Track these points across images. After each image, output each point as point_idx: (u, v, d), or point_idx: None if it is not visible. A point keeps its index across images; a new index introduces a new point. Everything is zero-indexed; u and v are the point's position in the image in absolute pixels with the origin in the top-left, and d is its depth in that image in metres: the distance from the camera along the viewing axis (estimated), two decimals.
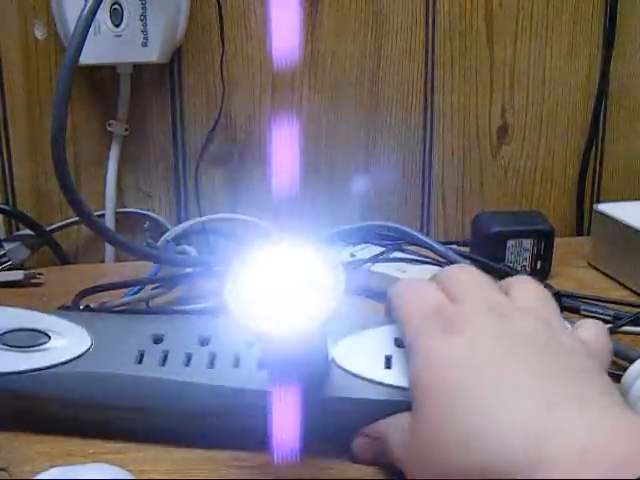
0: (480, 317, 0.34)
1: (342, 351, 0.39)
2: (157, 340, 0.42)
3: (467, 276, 0.39)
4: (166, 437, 0.40)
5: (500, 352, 0.33)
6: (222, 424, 0.39)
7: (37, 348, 0.42)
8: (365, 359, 0.39)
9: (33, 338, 0.42)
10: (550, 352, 0.33)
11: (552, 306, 0.37)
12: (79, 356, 0.41)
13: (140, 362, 0.41)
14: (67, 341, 0.42)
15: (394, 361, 0.39)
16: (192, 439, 0.40)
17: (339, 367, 0.39)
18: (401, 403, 0.36)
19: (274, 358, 0.37)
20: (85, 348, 0.41)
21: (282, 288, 0.35)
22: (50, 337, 0.42)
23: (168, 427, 0.40)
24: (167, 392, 0.40)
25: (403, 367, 0.38)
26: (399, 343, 0.39)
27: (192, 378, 0.39)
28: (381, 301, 0.60)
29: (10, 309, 0.46)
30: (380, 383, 0.38)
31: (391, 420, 0.36)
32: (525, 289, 0.38)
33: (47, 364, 0.41)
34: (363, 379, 0.38)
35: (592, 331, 0.37)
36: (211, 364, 0.40)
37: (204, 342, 0.41)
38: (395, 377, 0.38)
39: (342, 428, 0.38)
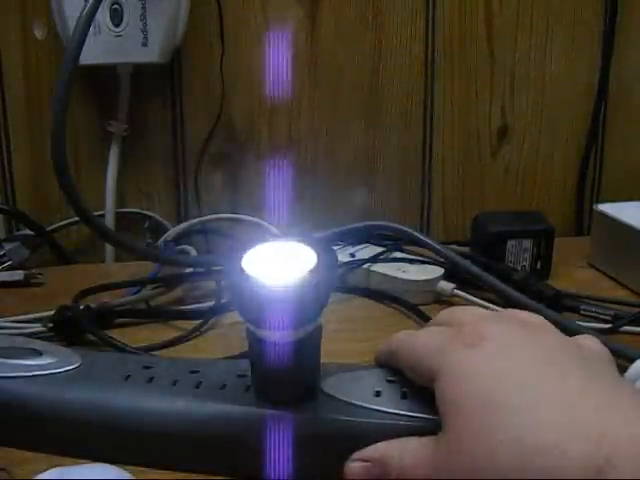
0: (500, 327, 0.33)
1: (330, 383, 0.38)
2: (147, 367, 0.41)
3: (464, 310, 0.37)
4: (152, 453, 0.40)
5: (535, 359, 0.31)
6: (207, 444, 0.39)
7: (29, 361, 0.41)
8: (354, 390, 0.38)
9: (25, 353, 0.42)
10: (582, 359, 0.32)
11: (556, 329, 0.37)
12: (66, 371, 0.41)
13: (126, 379, 0.40)
14: (56, 358, 0.42)
15: (384, 393, 0.37)
16: (176, 456, 0.39)
17: (327, 394, 0.38)
18: (391, 426, 0.36)
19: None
20: (74, 366, 0.41)
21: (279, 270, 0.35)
22: (42, 353, 0.42)
23: (153, 444, 0.40)
24: (152, 409, 0.39)
25: (393, 397, 0.37)
26: (391, 380, 0.38)
27: (177, 396, 0.39)
28: (381, 301, 0.61)
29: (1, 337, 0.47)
30: (369, 408, 0.37)
31: (397, 443, 0.34)
32: (524, 315, 0.37)
33: (33, 373, 0.41)
34: (352, 404, 0.37)
35: (595, 345, 0.36)
36: (197, 386, 0.40)
37: (193, 372, 0.41)
38: (385, 404, 0.37)
39: (329, 452, 0.37)
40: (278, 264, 0.35)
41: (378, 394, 0.38)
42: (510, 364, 0.31)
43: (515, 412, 0.29)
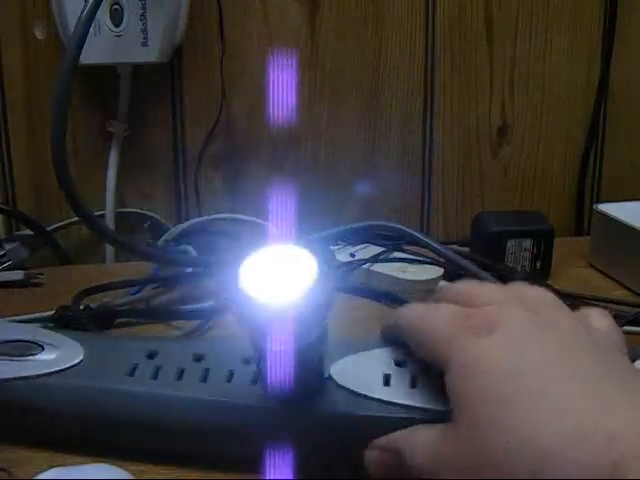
0: (511, 313, 0.33)
1: (339, 369, 0.38)
2: (150, 355, 0.41)
3: (478, 286, 0.37)
4: (158, 450, 0.40)
5: (547, 356, 0.31)
6: (214, 439, 0.39)
7: (28, 358, 0.41)
8: (363, 377, 0.38)
9: (25, 348, 0.42)
10: (593, 349, 0.32)
11: (564, 306, 0.36)
12: (70, 367, 0.41)
13: (132, 375, 0.40)
14: (59, 352, 0.41)
15: (393, 379, 0.38)
16: (183, 453, 0.39)
17: (336, 384, 0.38)
18: (402, 419, 0.36)
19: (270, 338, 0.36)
20: (77, 360, 0.41)
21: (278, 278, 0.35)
22: (43, 348, 0.42)
23: (159, 441, 0.40)
24: (158, 405, 0.39)
25: (402, 385, 0.37)
26: (399, 363, 0.38)
27: (183, 391, 0.39)
28: (381, 301, 0.61)
29: (5, 323, 0.48)
30: (380, 400, 0.37)
31: (409, 433, 0.35)
32: (533, 291, 0.36)
33: (37, 373, 0.40)
34: (360, 396, 0.37)
35: (605, 323, 0.35)
36: (204, 378, 0.39)
37: (198, 359, 0.40)
38: (394, 394, 0.37)
39: (338, 445, 0.37)
40: (277, 277, 0.35)
41: (387, 382, 0.38)
42: (521, 361, 0.30)
43: (524, 415, 0.29)
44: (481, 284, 0.37)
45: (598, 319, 0.35)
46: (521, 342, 0.31)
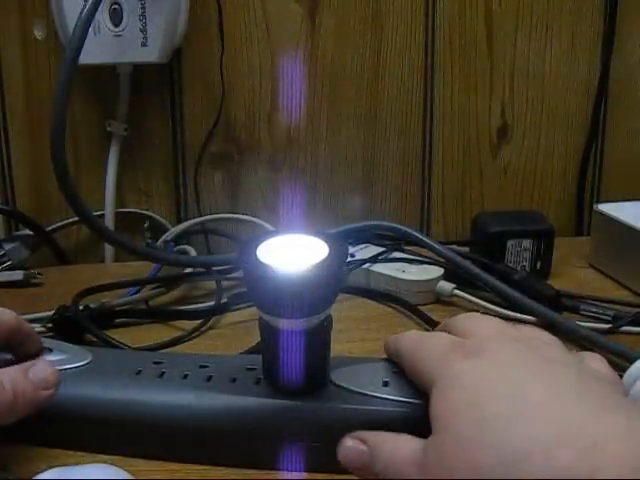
0: (502, 344, 0.34)
1: (341, 374, 0.40)
2: (156, 363, 0.42)
3: (475, 319, 0.38)
4: (165, 446, 0.40)
5: (526, 372, 0.32)
6: (220, 435, 0.39)
7: (38, 357, 0.42)
8: (364, 380, 0.39)
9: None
10: (581, 374, 0.33)
11: (563, 346, 0.37)
12: (78, 367, 0.42)
13: (138, 374, 0.41)
14: (68, 355, 0.43)
15: (392, 383, 0.39)
16: (189, 448, 0.40)
17: (337, 385, 0.39)
18: (401, 413, 0.37)
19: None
20: (85, 362, 0.43)
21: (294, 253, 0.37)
22: (51, 350, 0.43)
23: (161, 440, 0.40)
24: (163, 402, 0.39)
25: (401, 386, 0.38)
26: (398, 372, 0.39)
27: (187, 389, 0.39)
28: (381, 301, 0.61)
29: None
30: (379, 397, 0.38)
31: (391, 439, 0.35)
32: (531, 329, 0.38)
33: None
34: (361, 394, 0.38)
35: (601, 365, 0.36)
36: (208, 379, 0.40)
37: (202, 366, 0.42)
38: (393, 392, 0.38)
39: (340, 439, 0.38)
40: (292, 254, 0.37)
41: (386, 384, 0.39)
42: (499, 376, 0.32)
43: (499, 421, 0.29)
44: (485, 319, 0.39)
45: (594, 362, 0.36)
46: (503, 362, 0.32)
